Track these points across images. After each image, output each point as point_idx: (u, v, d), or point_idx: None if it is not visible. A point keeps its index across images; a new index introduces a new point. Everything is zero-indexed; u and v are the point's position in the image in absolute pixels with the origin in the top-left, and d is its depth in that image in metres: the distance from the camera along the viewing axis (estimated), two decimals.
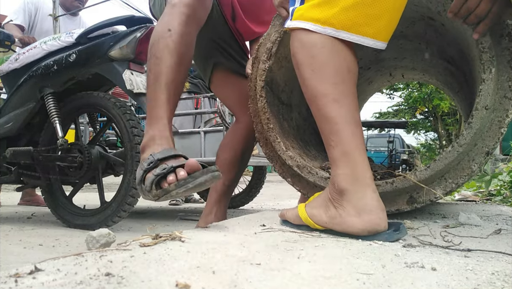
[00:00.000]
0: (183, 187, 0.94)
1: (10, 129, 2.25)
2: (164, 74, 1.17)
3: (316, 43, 0.96)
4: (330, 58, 0.96)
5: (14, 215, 2.63)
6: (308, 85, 0.98)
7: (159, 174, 0.97)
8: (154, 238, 0.76)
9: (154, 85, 1.18)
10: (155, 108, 1.15)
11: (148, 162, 1.03)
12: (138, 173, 1.04)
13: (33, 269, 0.54)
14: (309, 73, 0.97)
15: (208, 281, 0.54)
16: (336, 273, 0.62)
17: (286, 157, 1.34)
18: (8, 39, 2.40)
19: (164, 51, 1.19)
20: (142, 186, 1.02)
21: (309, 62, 0.97)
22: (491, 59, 1.08)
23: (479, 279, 0.63)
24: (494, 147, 1.14)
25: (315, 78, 0.96)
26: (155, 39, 1.23)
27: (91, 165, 2.09)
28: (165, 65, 1.18)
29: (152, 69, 1.20)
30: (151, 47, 1.23)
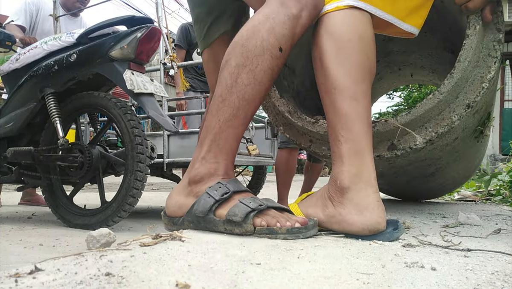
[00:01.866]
0: (294, 235, 0.85)
1: (11, 129, 2.25)
2: (253, 103, 0.94)
3: (343, 35, 0.93)
4: (356, 53, 0.93)
5: (14, 215, 2.64)
6: (329, 75, 0.94)
7: (257, 209, 0.85)
8: (154, 237, 0.76)
9: (239, 110, 0.93)
10: (229, 137, 0.94)
11: (221, 192, 0.89)
12: (206, 201, 0.88)
13: (33, 269, 0.54)
14: (333, 64, 0.93)
15: (208, 281, 0.54)
16: (336, 273, 0.62)
17: (279, 103, 1.39)
18: (9, 40, 2.40)
19: (265, 73, 0.93)
20: (211, 216, 0.87)
21: (335, 54, 0.93)
22: (477, 18, 1.16)
23: (479, 279, 0.63)
24: (475, 100, 1.17)
25: (338, 70, 0.93)
26: (259, 45, 0.92)
27: (91, 165, 2.10)
28: (258, 90, 0.93)
29: (240, 85, 0.92)
30: (245, 51, 0.93)
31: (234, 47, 0.95)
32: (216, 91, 0.96)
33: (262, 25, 0.93)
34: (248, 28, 0.94)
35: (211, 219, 0.88)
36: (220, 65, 0.99)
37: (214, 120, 0.94)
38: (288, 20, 0.93)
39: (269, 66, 0.93)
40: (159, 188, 6.15)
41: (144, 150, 1.98)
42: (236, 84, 0.92)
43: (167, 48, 3.04)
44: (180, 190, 0.97)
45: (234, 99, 0.93)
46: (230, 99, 0.93)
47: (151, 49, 2.11)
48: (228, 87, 0.93)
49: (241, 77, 0.92)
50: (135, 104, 2.92)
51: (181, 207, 0.94)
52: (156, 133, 3.16)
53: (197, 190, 0.93)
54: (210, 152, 0.94)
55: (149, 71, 2.95)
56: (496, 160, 7.99)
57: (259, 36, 0.92)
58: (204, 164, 0.94)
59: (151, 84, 2.08)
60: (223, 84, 0.94)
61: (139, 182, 1.96)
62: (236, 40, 0.96)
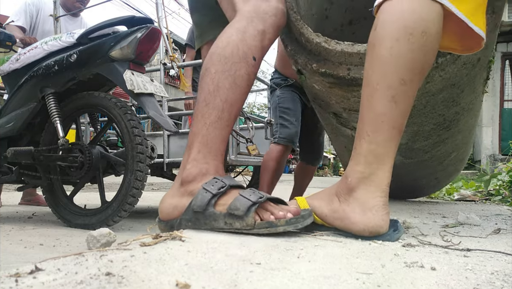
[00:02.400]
0: (292, 225, 0.86)
1: (11, 129, 2.25)
2: (235, 105, 1.00)
3: (405, 26, 0.86)
4: (412, 50, 0.87)
5: (15, 215, 2.64)
6: (378, 67, 0.89)
7: (257, 202, 0.87)
8: (154, 237, 0.76)
9: (223, 112, 0.98)
10: (217, 138, 0.97)
11: (218, 186, 0.90)
12: (203, 196, 0.90)
13: (33, 269, 0.54)
14: (386, 57, 0.87)
15: (208, 281, 0.54)
16: (335, 272, 0.62)
17: (313, 36, 1.34)
18: (9, 40, 2.40)
19: (243, 78, 1.00)
20: (211, 210, 0.88)
21: (390, 45, 0.87)
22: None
23: (478, 279, 0.63)
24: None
25: (390, 64, 0.87)
26: (235, 54, 1.00)
27: (92, 165, 2.10)
28: (239, 93, 1.00)
29: (222, 89, 0.98)
30: (222, 58, 1.00)
31: (211, 57, 1.02)
32: (199, 98, 1.01)
33: (235, 37, 1.02)
34: (223, 40, 1.03)
35: (210, 213, 0.88)
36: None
37: (200, 124, 0.98)
38: (257, 34, 1.03)
39: (246, 72, 1.00)
40: (159, 187, 6.15)
41: (144, 150, 1.98)
42: (218, 88, 0.98)
43: (167, 48, 3.05)
44: (173, 193, 0.98)
45: (218, 102, 0.98)
46: (214, 103, 0.98)
47: (151, 49, 2.11)
48: (211, 92, 0.98)
49: (222, 82, 0.99)
50: (135, 105, 2.92)
51: (176, 207, 0.95)
52: (156, 133, 3.16)
53: (191, 188, 0.94)
54: (200, 153, 0.97)
55: (149, 72, 2.95)
56: (495, 160, 7.99)
57: (234, 46, 1.00)
58: (195, 164, 0.96)
59: (151, 84, 2.08)
60: (206, 90, 1.00)
61: (139, 181, 1.96)
62: (212, 50, 1.03)
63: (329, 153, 32.23)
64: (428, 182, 2.28)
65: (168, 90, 13.12)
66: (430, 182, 2.28)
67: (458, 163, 2.19)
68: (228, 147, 2.64)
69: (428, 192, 2.49)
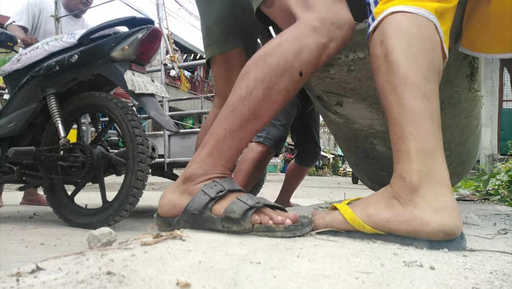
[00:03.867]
0: (291, 232, 0.84)
1: (12, 129, 2.26)
2: (261, 120, 0.94)
3: (414, 33, 0.90)
4: (427, 52, 0.90)
5: (16, 214, 2.64)
6: (398, 71, 0.88)
7: (255, 206, 0.85)
8: (155, 236, 0.77)
9: (247, 122, 0.93)
10: (232, 147, 0.93)
11: (216, 190, 0.89)
12: (200, 198, 0.88)
13: (34, 268, 0.54)
14: (404, 60, 0.88)
15: (208, 280, 0.54)
16: (335, 272, 0.63)
17: None
18: (10, 40, 2.41)
19: (281, 94, 0.93)
20: (208, 214, 0.87)
21: (404, 50, 0.89)
22: None
23: (477, 278, 0.63)
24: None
25: (409, 67, 0.88)
26: (281, 65, 0.91)
27: (93, 165, 2.10)
28: (269, 107, 0.93)
29: (254, 99, 0.92)
30: (266, 66, 0.92)
31: (256, 61, 0.95)
32: (229, 100, 0.95)
33: (290, 46, 0.92)
34: (275, 46, 0.94)
35: (208, 217, 0.87)
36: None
37: (220, 127, 0.94)
38: (316, 48, 0.93)
39: (285, 88, 0.92)
40: (160, 187, 6.16)
41: (145, 150, 1.98)
42: (250, 97, 0.92)
43: (168, 49, 3.05)
44: (174, 188, 0.96)
45: (244, 112, 0.92)
46: (241, 111, 0.93)
47: (152, 50, 2.11)
48: (242, 98, 0.93)
49: (257, 91, 0.92)
50: (136, 105, 2.92)
51: (175, 206, 0.93)
52: (157, 133, 3.17)
53: (191, 188, 0.93)
54: (210, 157, 0.94)
55: (150, 72, 2.96)
56: (494, 159, 7.99)
57: (283, 56, 0.92)
58: (202, 166, 0.94)
59: (152, 84, 2.08)
60: (237, 94, 0.94)
61: (140, 181, 1.96)
62: (259, 54, 0.95)
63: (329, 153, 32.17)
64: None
65: (168, 90, 13.13)
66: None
67: (459, 166, 2.20)
68: None
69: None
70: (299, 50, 0.91)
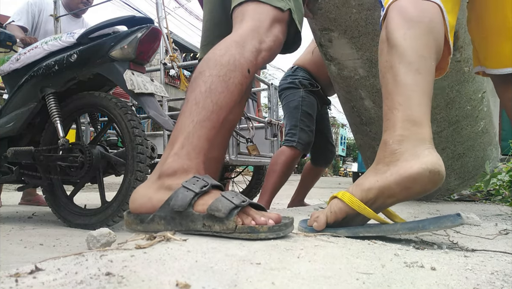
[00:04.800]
0: (275, 233, 0.83)
1: (11, 129, 2.25)
2: (225, 109, 1.01)
3: (414, 16, 0.98)
4: (425, 34, 0.97)
5: (15, 215, 2.64)
6: (396, 51, 0.97)
7: (240, 206, 0.83)
8: (148, 238, 0.76)
9: (212, 113, 0.98)
10: (202, 137, 0.96)
11: (200, 185, 0.87)
12: (184, 194, 0.85)
13: (33, 269, 0.54)
14: (401, 40, 0.97)
15: (208, 281, 0.54)
16: (336, 272, 0.62)
17: None
18: (9, 40, 2.40)
19: (236, 87, 1.03)
20: (190, 210, 0.84)
21: (403, 32, 0.97)
22: None
23: (478, 279, 0.63)
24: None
25: (406, 46, 0.96)
26: (231, 63, 1.04)
27: (92, 165, 2.10)
28: (230, 98, 1.01)
29: (214, 92, 0.99)
30: (218, 64, 1.03)
31: (207, 62, 1.04)
32: (189, 97, 1.00)
33: (234, 49, 1.05)
34: (222, 48, 1.06)
35: (188, 213, 0.84)
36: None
37: (187, 120, 0.97)
38: (254, 51, 1.08)
39: (239, 81, 1.03)
40: None
41: (144, 150, 1.98)
42: (210, 90, 0.99)
43: (167, 48, 3.05)
44: (148, 185, 0.94)
45: (208, 103, 0.98)
46: (204, 103, 0.98)
47: (151, 49, 2.11)
48: (203, 92, 0.99)
49: (215, 85, 1.00)
50: (136, 104, 2.92)
51: (151, 200, 0.90)
52: (157, 133, 3.17)
53: (169, 183, 0.91)
54: (183, 149, 0.94)
55: (150, 71, 2.95)
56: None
57: (231, 56, 1.04)
58: (177, 159, 0.93)
59: (152, 84, 2.08)
60: (197, 90, 1.00)
61: (139, 182, 1.96)
62: (209, 56, 1.05)
63: None
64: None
65: (168, 90, 13.13)
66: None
67: (455, 159, 2.20)
68: (228, 147, 2.64)
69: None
70: (242, 52, 1.06)
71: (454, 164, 2.23)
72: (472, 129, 2.17)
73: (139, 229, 0.89)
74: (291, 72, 2.81)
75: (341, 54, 2.00)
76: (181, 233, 0.84)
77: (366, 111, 2.12)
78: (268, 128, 3.16)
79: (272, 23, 1.14)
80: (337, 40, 1.95)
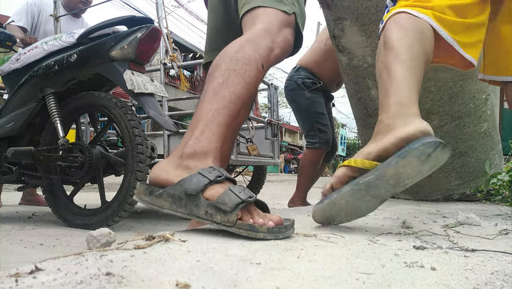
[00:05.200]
0: (273, 235, 0.84)
1: (11, 129, 2.25)
2: (242, 99, 1.05)
3: (410, 27, 1.17)
4: (417, 42, 1.14)
5: (15, 215, 2.64)
6: (391, 53, 1.13)
7: (246, 201, 0.85)
8: (148, 238, 0.76)
9: (230, 102, 1.02)
10: (221, 123, 0.99)
11: (215, 174, 0.89)
12: (199, 180, 0.88)
13: (33, 269, 0.54)
14: (397, 45, 1.13)
15: (208, 281, 0.54)
16: (336, 272, 0.62)
17: None
18: (9, 40, 2.40)
19: (252, 79, 1.07)
20: (199, 196, 0.86)
21: (399, 37, 1.15)
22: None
23: (478, 279, 0.63)
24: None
25: (402, 49, 1.12)
26: (246, 57, 1.08)
27: (92, 165, 2.10)
28: (246, 89, 1.06)
29: (231, 83, 1.04)
30: (234, 59, 1.07)
31: (223, 56, 1.09)
32: (207, 88, 1.05)
33: (248, 45, 1.11)
34: (236, 45, 1.11)
35: (196, 199, 0.86)
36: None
37: (206, 108, 1.01)
38: (267, 48, 1.14)
39: (254, 75, 1.07)
40: None
41: (144, 150, 1.98)
42: (227, 82, 1.04)
43: (167, 48, 3.05)
44: (169, 161, 0.98)
45: (225, 93, 1.02)
46: (222, 93, 1.02)
47: (151, 49, 2.11)
48: (220, 84, 1.04)
49: (232, 77, 1.05)
50: (136, 104, 2.92)
51: (168, 173, 0.93)
52: (157, 133, 3.17)
53: (188, 163, 0.94)
54: (203, 134, 0.98)
55: (150, 71, 2.95)
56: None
57: (245, 51, 1.09)
58: (197, 143, 0.97)
59: (151, 84, 2.08)
60: (215, 82, 1.05)
61: (139, 181, 1.96)
62: (224, 52, 1.11)
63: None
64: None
65: (168, 90, 13.13)
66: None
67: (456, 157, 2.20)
68: None
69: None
70: (256, 48, 1.11)
71: (455, 162, 2.23)
72: (475, 128, 2.19)
73: (146, 200, 0.92)
74: (294, 72, 2.89)
75: (351, 43, 2.13)
76: (180, 233, 0.84)
77: (372, 102, 2.21)
78: (268, 128, 3.16)
79: (281, 25, 1.21)
80: (349, 29, 2.10)
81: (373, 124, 2.26)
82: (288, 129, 33.65)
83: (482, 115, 2.19)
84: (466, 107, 2.13)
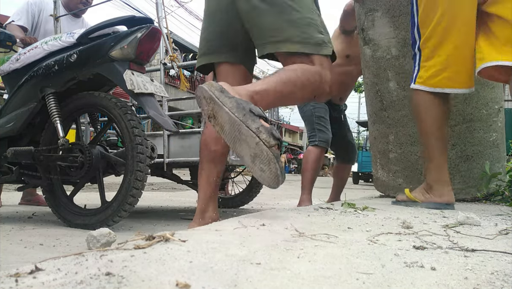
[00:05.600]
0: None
1: (11, 129, 2.25)
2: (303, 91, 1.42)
3: (424, 100, 1.76)
4: (433, 109, 1.75)
5: (15, 215, 2.64)
6: (422, 121, 1.80)
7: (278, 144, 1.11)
8: (147, 238, 0.76)
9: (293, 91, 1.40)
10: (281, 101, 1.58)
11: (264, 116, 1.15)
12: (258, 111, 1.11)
13: (33, 269, 0.54)
14: (423, 117, 1.79)
15: (208, 281, 0.54)
16: (336, 272, 0.62)
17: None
18: (9, 40, 2.40)
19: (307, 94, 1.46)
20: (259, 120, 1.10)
21: (423, 110, 1.78)
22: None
23: (478, 279, 0.63)
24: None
25: (426, 120, 1.77)
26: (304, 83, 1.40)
27: (92, 165, 2.10)
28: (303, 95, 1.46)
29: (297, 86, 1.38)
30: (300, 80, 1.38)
31: (292, 73, 1.37)
32: (282, 76, 1.35)
33: (311, 75, 1.39)
34: (304, 71, 1.38)
35: (255, 117, 1.09)
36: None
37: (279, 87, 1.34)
38: (319, 79, 1.41)
39: (306, 95, 1.44)
40: (159, 187, 6.15)
41: (144, 150, 1.98)
42: (295, 84, 1.36)
43: (167, 48, 3.05)
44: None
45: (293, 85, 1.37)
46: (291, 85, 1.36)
47: (151, 49, 2.11)
48: (290, 81, 1.35)
49: (297, 85, 1.37)
50: (135, 104, 2.92)
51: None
52: (156, 133, 3.16)
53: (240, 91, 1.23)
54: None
55: (149, 71, 2.95)
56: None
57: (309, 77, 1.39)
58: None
59: (151, 84, 2.08)
60: (291, 77, 1.36)
61: (139, 181, 1.96)
62: (294, 74, 1.37)
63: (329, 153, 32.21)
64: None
65: (168, 90, 13.09)
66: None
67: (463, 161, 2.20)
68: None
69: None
70: (309, 79, 1.39)
71: (461, 165, 2.23)
72: (484, 135, 2.21)
73: (215, 94, 1.11)
74: None
75: (379, 34, 2.29)
76: (180, 233, 0.84)
77: (389, 94, 2.35)
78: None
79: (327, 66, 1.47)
80: (379, 20, 2.26)
81: (385, 118, 2.40)
82: (288, 129, 33.62)
83: (493, 125, 2.25)
84: (478, 112, 2.20)
